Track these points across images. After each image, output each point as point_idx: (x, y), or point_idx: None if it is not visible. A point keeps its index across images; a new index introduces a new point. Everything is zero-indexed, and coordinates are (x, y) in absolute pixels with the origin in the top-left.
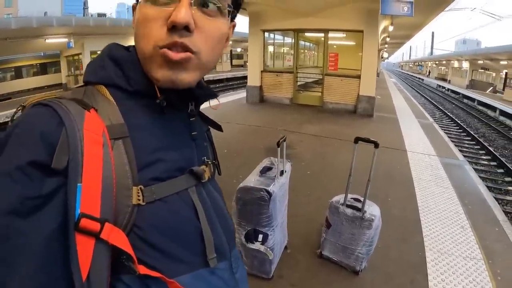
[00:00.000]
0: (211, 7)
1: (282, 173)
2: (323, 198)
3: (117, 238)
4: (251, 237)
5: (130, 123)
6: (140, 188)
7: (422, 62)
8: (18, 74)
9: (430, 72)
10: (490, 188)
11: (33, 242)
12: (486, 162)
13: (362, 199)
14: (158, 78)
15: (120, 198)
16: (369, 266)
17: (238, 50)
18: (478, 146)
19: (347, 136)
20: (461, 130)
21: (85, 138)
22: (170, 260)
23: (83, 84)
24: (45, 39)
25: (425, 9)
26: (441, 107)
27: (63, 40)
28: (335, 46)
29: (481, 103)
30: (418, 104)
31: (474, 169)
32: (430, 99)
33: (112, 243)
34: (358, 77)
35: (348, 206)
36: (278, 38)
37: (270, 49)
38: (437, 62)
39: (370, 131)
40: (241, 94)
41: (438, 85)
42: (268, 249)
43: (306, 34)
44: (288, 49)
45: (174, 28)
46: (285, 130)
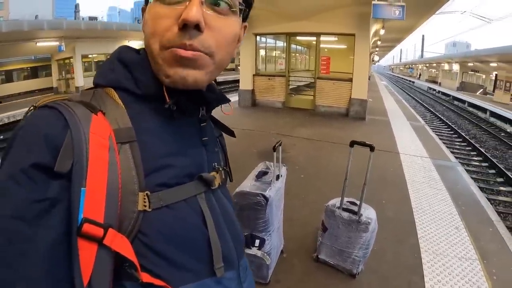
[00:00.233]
0: (222, 6)
1: (278, 177)
2: (318, 201)
3: (120, 244)
4: (248, 242)
5: (138, 127)
6: (146, 194)
7: (413, 65)
8: (8, 77)
9: (420, 74)
10: (482, 188)
11: (37, 246)
12: (478, 163)
13: (358, 202)
14: (168, 74)
15: (125, 204)
16: (365, 269)
17: None
18: (470, 148)
19: (340, 139)
20: (452, 132)
21: (90, 142)
22: (175, 268)
23: (93, 86)
24: (36, 43)
25: (416, 12)
26: (432, 109)
27: (54, 43)
28: (326, 50)
29: (471, 105)
30: (409, 106)
31: (466, 170)
32: (421, 102)
33: (115, 250)
34: (350, 80)
35: (344, 210)
36: (270, 41)
37: (262, 52)
38: (427, 65)
39: (363, 134)
40: (232, 98)
41: (428, 87)
42: (265, 254)
43: (298, 38)
44: (280, 52)
45: (185, 27)
46: (278, 133)
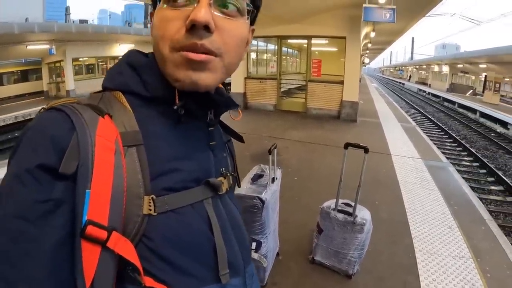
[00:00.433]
0: (231, 8)
1: (273, 180)
2: (312, 203)
3: (123, 248)
4: None
5: (146, 131)
6: (152, 198)
7: (403, 67)
8: None
9: (410, 76)
10: (474, 188)
11: (41, 246)
12: (469, 163)
13: (352, 204)
14: (178, 78)
15: (130, 207)
16: (361, 270)
17: None
18: (460, 148)
19: (332, 141)
20: (443, 133)
21: (96, 144)
22: (179, 273)
23: (102, 90)
24: (26, 46)
25: (406, 15)
26: (422, 111)
27: (45, 46)
28: (317, 53)
29: (461, 106)
30: (400, 108)
31: (458, 170)
32: (411, 103)
33: (118, 253)
34: (341, 82)
35: (339, 211)
36: (261, 44)
37: (253, 55)
38: (417, 67)
39: (355, 136)
40: None
41: (418, 89)
42: (262, 256)
43: (289, 41)
44: (271, 55)
45: (193, 28)
46: (270, 136)
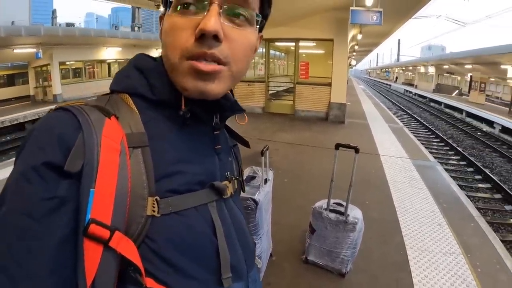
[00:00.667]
0: (240, 17)
1: (266, 181)
2: (303, 204)
3: (126, 248)
4: None
5: (151, 133)
6: (155, 199)
7: (389, 69)
8: None
9: (397, 78)
10: (461, 186)
11: (45, 244)
12: (456, 162)
13: (344, 204)
14: (187, 88)
15: (134, 208)
16: (354, 268)
17: None
18: (448, 147)
19: (321, 143)
20: (430, 133)
21: (102, 145)
22: (181, 276)
23: (109, 92)
24: (13, 49)
25: (393, 17)
26: (409, 111)
27: (32, 50)
28: (305, 55)
29: (448, 106)
30: (387, 109)
31: (445, 169)
32: (398, 104)
33: (120, 253)
34: (329, 84)
35: (331, 211)
36: None
37: None
38: (403, 68)
39: (343, 137)
40: None
41: (405, 90)
42: (256, 257)
43: (277, 44)
44: (258, 58)
45: (203, 37)
46: (259, 139)
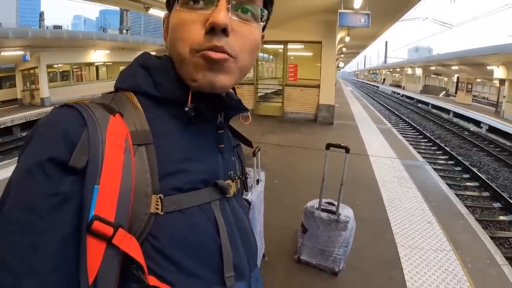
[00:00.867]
0: (247, 13)
1: (258, 182)
2: (294, 205)
3: (129, 245)
4: None
5: (156, 131)
6: (159, 197)
7: (377, 70)
8: None
9: (384, 79)
10: (450, 185)
11: (48, 240)
12: (444, 162)
13: (335, 203)
14: (196, 79)
15: (137, 205)
16: (346, 267)
17: None
18: (435, 147)
19: (310, 144)
20: (418, 133)
21: (107, 142)
22: (184, 274)
23: (114, 90)
24: (0, 52)
25: (380, 20)
26: (397, 112)
27: (19, 52)
28: (293, 57)
29: (435, 107)
30: (375, 110)
31: (434, 168)
32: (386, 105)
33: (123, 250)
34: (318, 86)
35: (323, 210)
36: None
37: None
38: (391, 70)
39: (332, 138)
40: None
41: (393, 91)
42: None
43: (266, 46)
44: None
45: (212, 30)
46: None
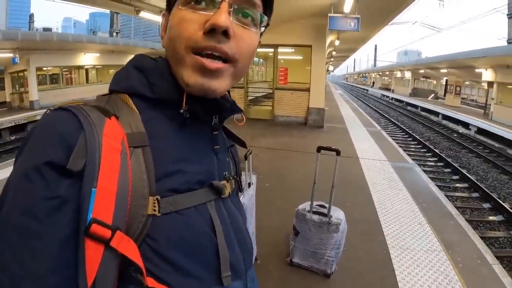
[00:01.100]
0: (248, 18)
1: (249, 185)
2: (285, 208)
3: (127, 247)
4: None
5: (151, 133)
6: (156, 198)
7: (366, 74)
8: None
9: (374, 82)
10: (440, 186)
11: (46, 243)
12: (434, 163)
13: (326, 205)
14: (189, 83)
15: (134, 207)
16: (339, 269)
17: None
18: (425, 149)
19: (301, 147)
20: (407, 136)
21: (103, 144)
22: (182, 275)
23: (108, 93)
24: None
25: (370, 23)
26: (386, 115)
27: (8, 55)
28: (283, 61)
29: (424, 109)
30: (364, 113)
31: (423, 170)
32: (375, 108)
33: (121, 252)
34: (308, 90)
35: (314, 213)
36: None
37: None
38: (380, 73)
39: (323, 142)
40: None
41: (382, 94)
42: None
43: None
44: None
45: (213, 31)
46: None
